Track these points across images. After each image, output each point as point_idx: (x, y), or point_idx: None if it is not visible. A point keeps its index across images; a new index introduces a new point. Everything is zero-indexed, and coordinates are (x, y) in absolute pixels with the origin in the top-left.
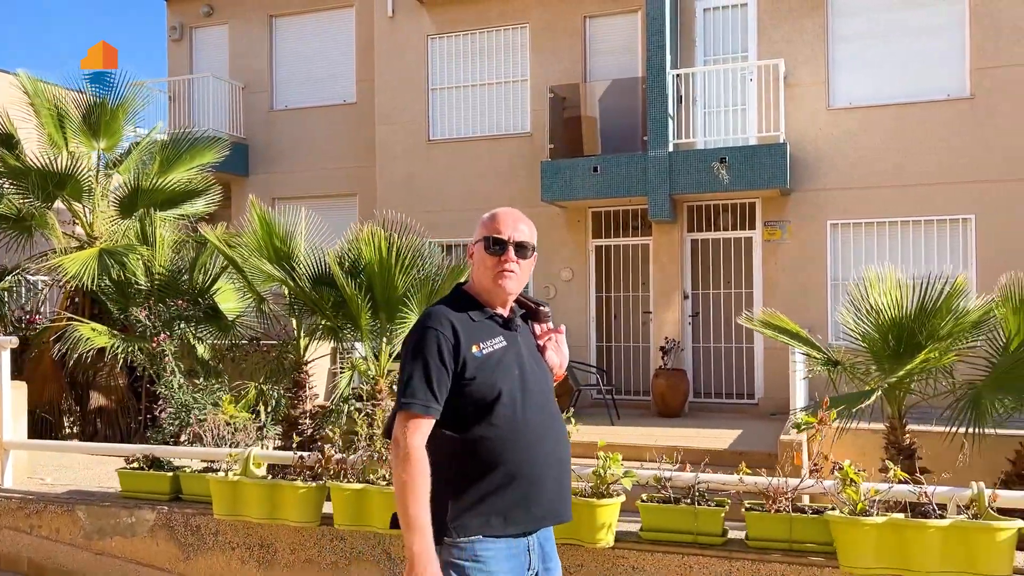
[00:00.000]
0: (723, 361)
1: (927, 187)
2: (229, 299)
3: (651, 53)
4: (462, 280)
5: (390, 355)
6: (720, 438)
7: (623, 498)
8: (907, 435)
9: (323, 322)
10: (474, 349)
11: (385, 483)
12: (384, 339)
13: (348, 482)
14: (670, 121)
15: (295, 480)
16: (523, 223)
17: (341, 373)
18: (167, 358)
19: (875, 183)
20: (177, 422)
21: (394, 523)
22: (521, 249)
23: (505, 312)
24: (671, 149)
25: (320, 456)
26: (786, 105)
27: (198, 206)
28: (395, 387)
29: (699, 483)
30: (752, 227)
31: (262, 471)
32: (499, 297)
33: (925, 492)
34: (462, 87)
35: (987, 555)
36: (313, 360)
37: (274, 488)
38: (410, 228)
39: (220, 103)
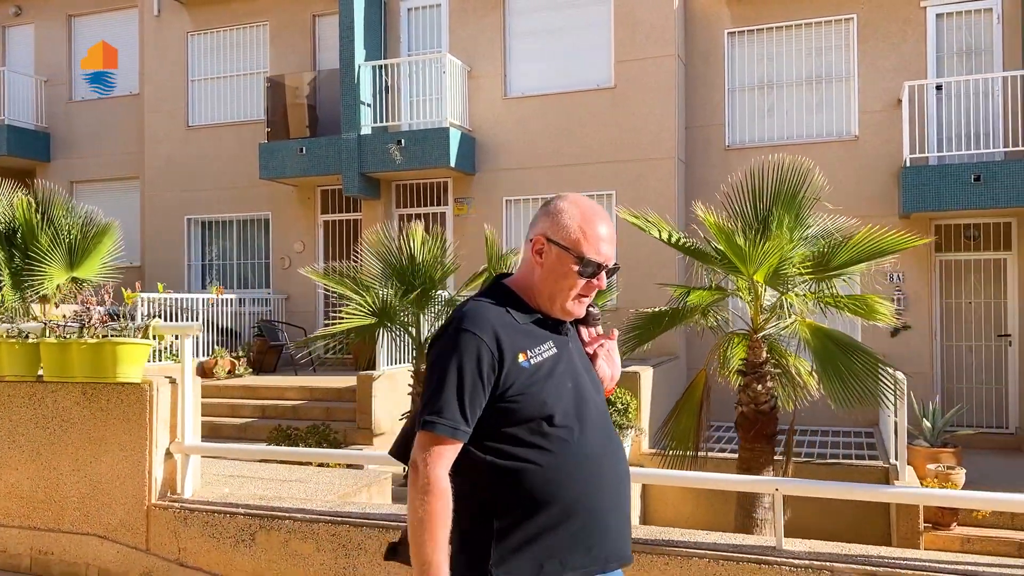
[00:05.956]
0: None
1: (579, 166)
2: None
3: (343, 47)
4: (502, 272)
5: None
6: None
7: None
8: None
9: None
10: (520, 359)
11: None
12: (34, 292)
13: None
14: (363, 107)
15: None
16: (613, 232)
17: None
18: None
19: (539, 163)
20: None
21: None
22: (610, 272)
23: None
24: (367, 132)
25: None
26: (471, 94)
27: None
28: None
29: None
30: (445, 203)
31: None
32: (560, 315)
33: None
34: (216, 78)
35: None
36: None
37: None
38: (60, 195)
39: (26, 95)
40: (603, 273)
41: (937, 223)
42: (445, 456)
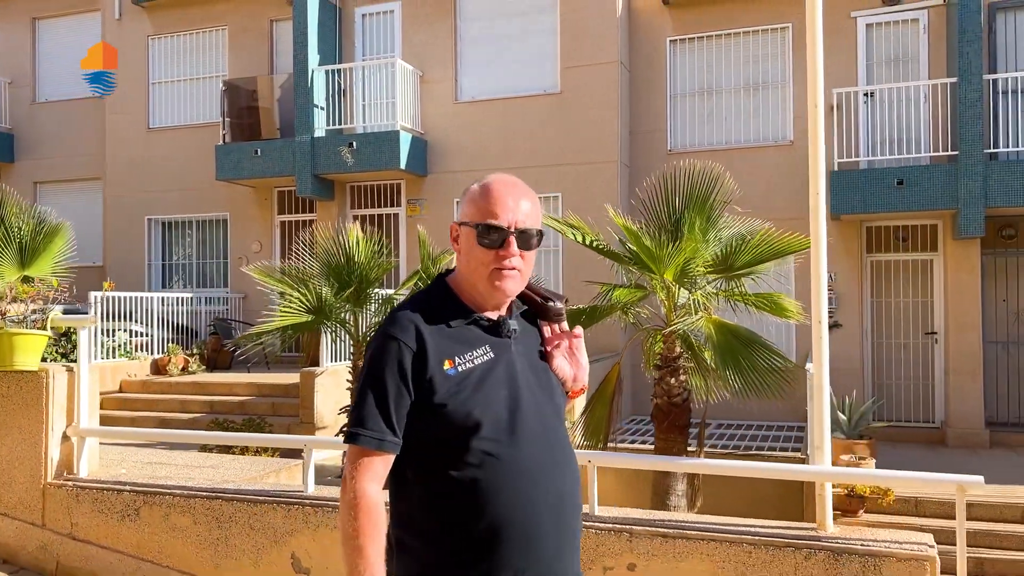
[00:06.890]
0: None
1: (526, 169)
2: None
3: (296, 52)
4: (446, 269)
5: None
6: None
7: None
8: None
9: None
10: (446, 366)
11: None
12: None
13: None
14: (317, 110)
15: None
16: (525, 198)
17: None
18: None
19: (488, 166)
20: None
21: None
22: (525, 238)
23: (494, 313)
24: (320, 135)
25: None
26: (423, 99)
27: None
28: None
29: None
30: (399, 204)
31: None
32: (492, 300)
33: None
34: (176, 81)
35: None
36: None
37: None
38: (12, 195)
39: None
40: (512, 240)
41: (868, 225)
42: (372, 468)
